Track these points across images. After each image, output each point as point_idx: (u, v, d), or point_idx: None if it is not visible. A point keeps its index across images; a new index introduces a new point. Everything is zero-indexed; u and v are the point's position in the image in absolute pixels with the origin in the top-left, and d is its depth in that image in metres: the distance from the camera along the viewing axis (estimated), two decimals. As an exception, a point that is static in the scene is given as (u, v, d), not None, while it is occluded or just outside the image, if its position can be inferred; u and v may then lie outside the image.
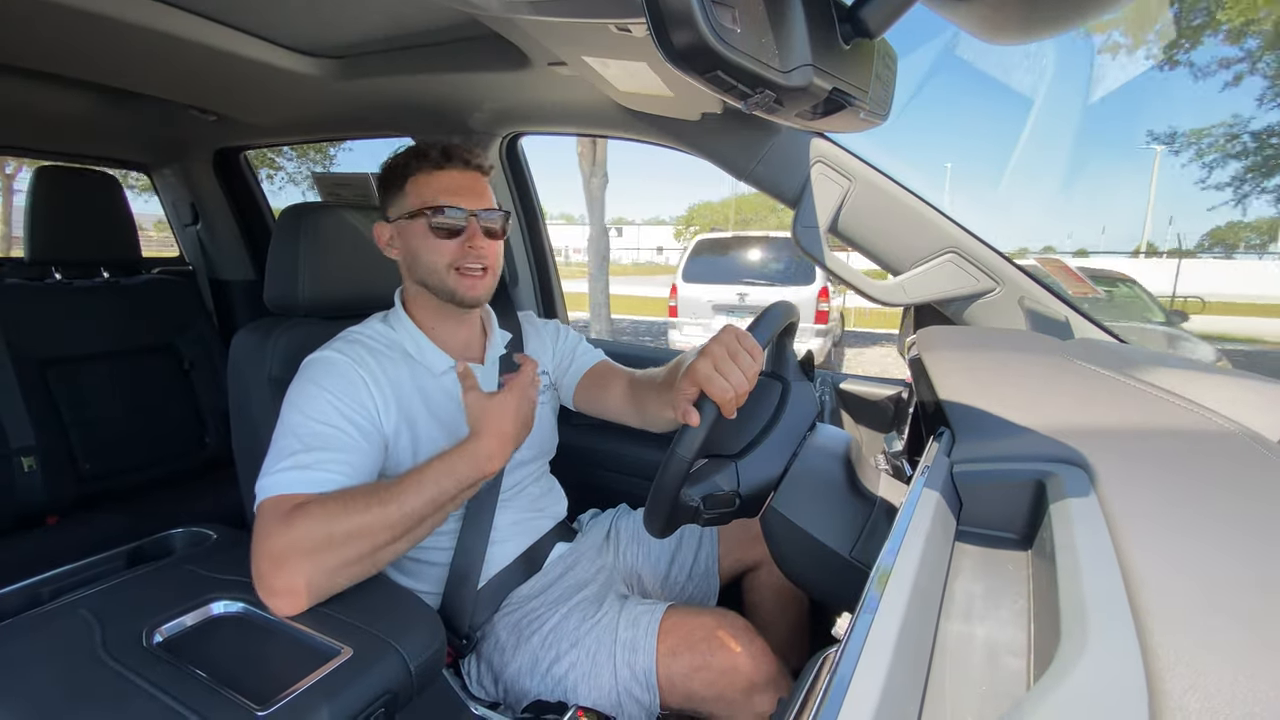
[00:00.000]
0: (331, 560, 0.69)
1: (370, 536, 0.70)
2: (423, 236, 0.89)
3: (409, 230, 0.91)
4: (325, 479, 0.74)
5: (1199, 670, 0.29)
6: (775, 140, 1.09)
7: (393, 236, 0.94)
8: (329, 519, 0.69)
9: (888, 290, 1.12)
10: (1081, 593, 0.34)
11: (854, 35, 0.54)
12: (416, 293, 0.95)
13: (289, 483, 0.73)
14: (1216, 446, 0.54)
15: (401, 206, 0.92)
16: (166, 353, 1.74)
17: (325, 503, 0.71)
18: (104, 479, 1.56)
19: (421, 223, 0.89)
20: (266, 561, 0.68)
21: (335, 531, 0.69)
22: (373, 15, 1.00)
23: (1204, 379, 0.73)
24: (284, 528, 0.69)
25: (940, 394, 0.72)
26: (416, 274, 0.92)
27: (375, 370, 0.86)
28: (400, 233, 0.92)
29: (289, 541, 0.68)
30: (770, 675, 0.79)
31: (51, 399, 1.50)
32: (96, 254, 1.67)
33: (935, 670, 0.37)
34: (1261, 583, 0.36)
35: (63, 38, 1.06)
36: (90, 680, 0.61)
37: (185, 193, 2.14)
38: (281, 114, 1.59)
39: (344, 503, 0.71)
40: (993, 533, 0.52)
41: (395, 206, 0.93)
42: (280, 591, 0.68)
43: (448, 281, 0.90)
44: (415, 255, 0.91)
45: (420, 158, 0.91)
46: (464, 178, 0.92)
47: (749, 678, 0.79)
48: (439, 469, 0.75)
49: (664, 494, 0.69)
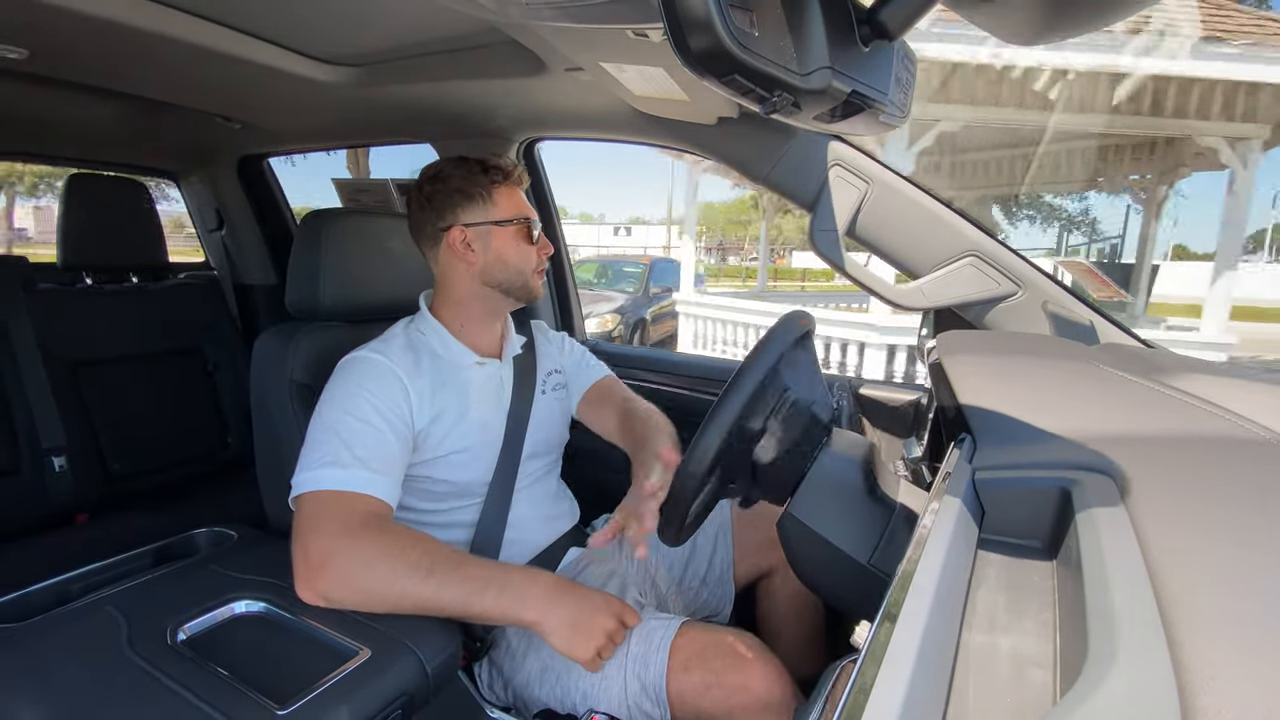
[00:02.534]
0: (373, 599, 0.74)
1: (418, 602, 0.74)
2: (516, 243, 0.98)
3: (499, 235, 0.97)
4: (365, 478, 0.79)
5: (1232, 684, 0.28)
6: (792, 143, 1.09)
7: (470, 241, 0.97)
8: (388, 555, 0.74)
9: (907, 294, 1.10)
10: (1110, 604, 0.33)
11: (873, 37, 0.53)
12: (475, 293, 0.99)
13: (333, 479, 0.78)
14: (1248, 454, 0.53)
15: (487, 214, 0.97)
16: (191, 356, 1.78)
17: (389, 534, 0.76)
18: (131, 479, 1.60)
19: (513, 230, 0.98)
20: (321, 554, 0.74)
21: (392, 588, 0.74)
22: (393, 24, 1.01)
23: (1234, 385, 0.71)
24: (350, 534, 0.75)
25: (961, 399, 0.70)
26: (496, 276, 0.98)
27: (409, 367, 0.91)
28: (484, 237, 0.97)
29: (350, 551, 0.74)
30: (783, 696, 0.78)
31: (82, 401, 1.54)
32: (126, 259, 1.71)
33: (958, 682, 0.36)
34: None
35: (97, 52, 1.09)
36: (117, 676, 0.63)
37: (211, 199, 2.19)
38: (304, 121, 1.62)
39: (401, 548, 0.75)
40: (1017, 541, 0.51)
41: (476, 213, 0.97)
42: (319, 590, 0.73)
43: (530, 283, 1.00)
44: (503, 259, 0.97)
45: (499, 172, 1.00)
46: (525, 196, 1.03)
47: (761, 698, 0.77)
48: (493, 579, 0.76)
49: (679, 504, 0.69)
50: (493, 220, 0.97)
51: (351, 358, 0.90)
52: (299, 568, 0.74)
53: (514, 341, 1.08)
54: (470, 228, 0.97)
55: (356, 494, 0.78)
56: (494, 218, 0.97)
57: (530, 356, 1.09)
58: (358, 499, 0.78)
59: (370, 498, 0.79)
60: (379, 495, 0.80)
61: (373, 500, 0.79)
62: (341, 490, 0.77)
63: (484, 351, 1.02)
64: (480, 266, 0.98)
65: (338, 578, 0.73)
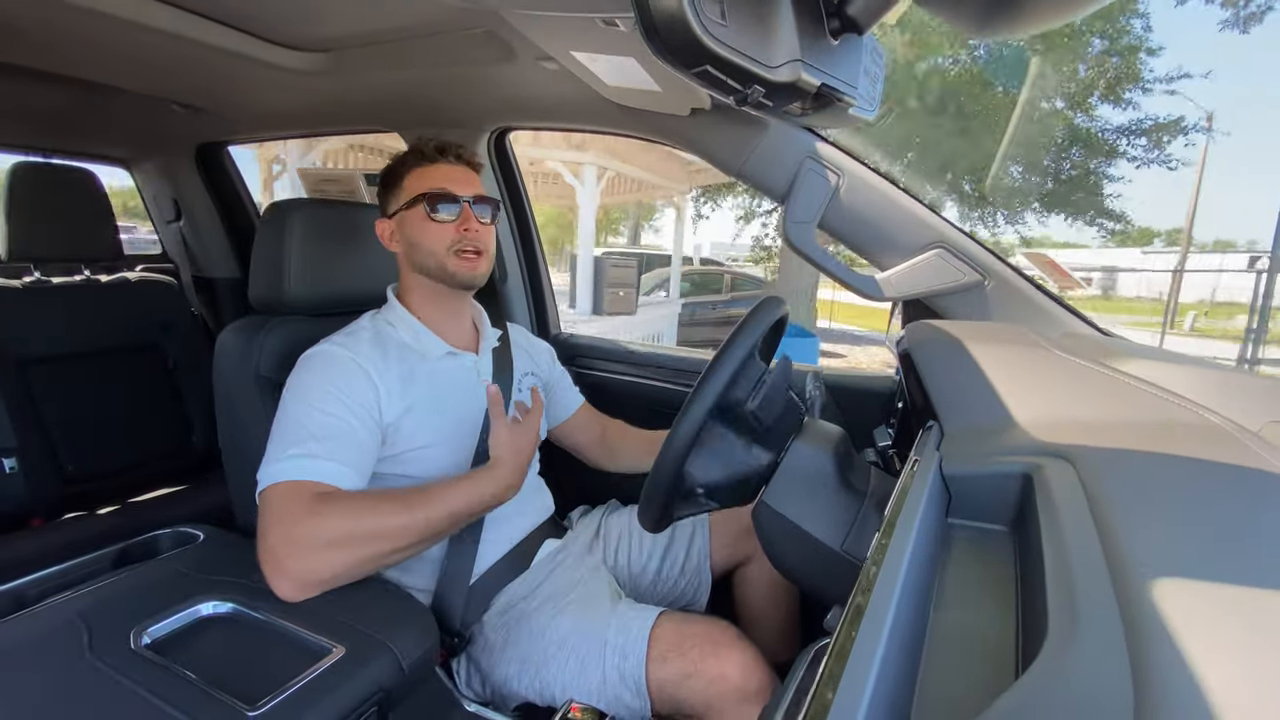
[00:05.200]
0: (349, 556, 0.73)
1: (390, 539, 0.75)
2: (421, 223, 0.94)
3: (408, 220, 0.95)
4: (333, 470, 0.77)
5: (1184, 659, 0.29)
6: (765, 136, 1.09)
7: (393, 231, 0.98)
8: (355, 515, 0.74)
9: (877, 285, 1.12)
10: (1069, 584, 0.35)
11: (842, 31, 0.54)
12: (416, 283, 0.98)
13: (299, 470, 0.76)
14: (1199, 437, 0.55)
15: (399, 200, 0.96)
16: (150, 352, 1.72)
17: (353, 499, 0.76)
18: (88, 480, 1.54)
19: (419, 210, 0.93)
20: (284, 545, 0.71)
21: (358, 529, 0.73)
22: (360, 9, 0.98)
23: (1185, 371, 0.75)
24: (308, 515, 0.72)
25: (929, 387, 0.72)
26: (416, 261, 0.96)
27: (376, 361, 0.88)
28: (399, 224, 0.97)
29: (311, 529, 0.71)
30: (760, 685, 0.79)
31: (32, 399, 1.47)
32: (75, 251, 1.64)
33: (926, 661, 0.37)
34: (1246, 572, 0.36)
35: (38, 31, 1.04)
36: (78, 683, 0.61)
37: (167, 188, 2.11)
38: (265, 109, 1.57)
39: (371, 503, 0.76)
40: (982, 525, 0.53)
41: (394, 201, 0.97)
42: (293, 575, 0.71)
43: (447, 264, 0.94)
44: (415, 242, 0.95)
45: (415, 155, 0.97)
46: (455, 170, 0.97)
47: (739, 686, 0.78)
48: (465, 487, 0.81)
49: (659, 488, 0.69)
50: (403, 204, 0.95)
51: (313, 352, 0.88)
52: (266, 563, 0.72)
53: (490, 335, 1.07)
54: (391, 218, 0.98)
55: (322, 485, 0.76)
56: (403, 201, 0.95)
57: (505, 351, 1.08)
58: (322, 489, 0.76)
59: (335, 488, 0.77)
60: (346, 487, 0.78)
61: (337, 490, 0.77)
62: (307, 480, 0.76)
63: (454, 343, 1.00)
64: (405, 255, 0.97)
65: (308, 556, 0.71)
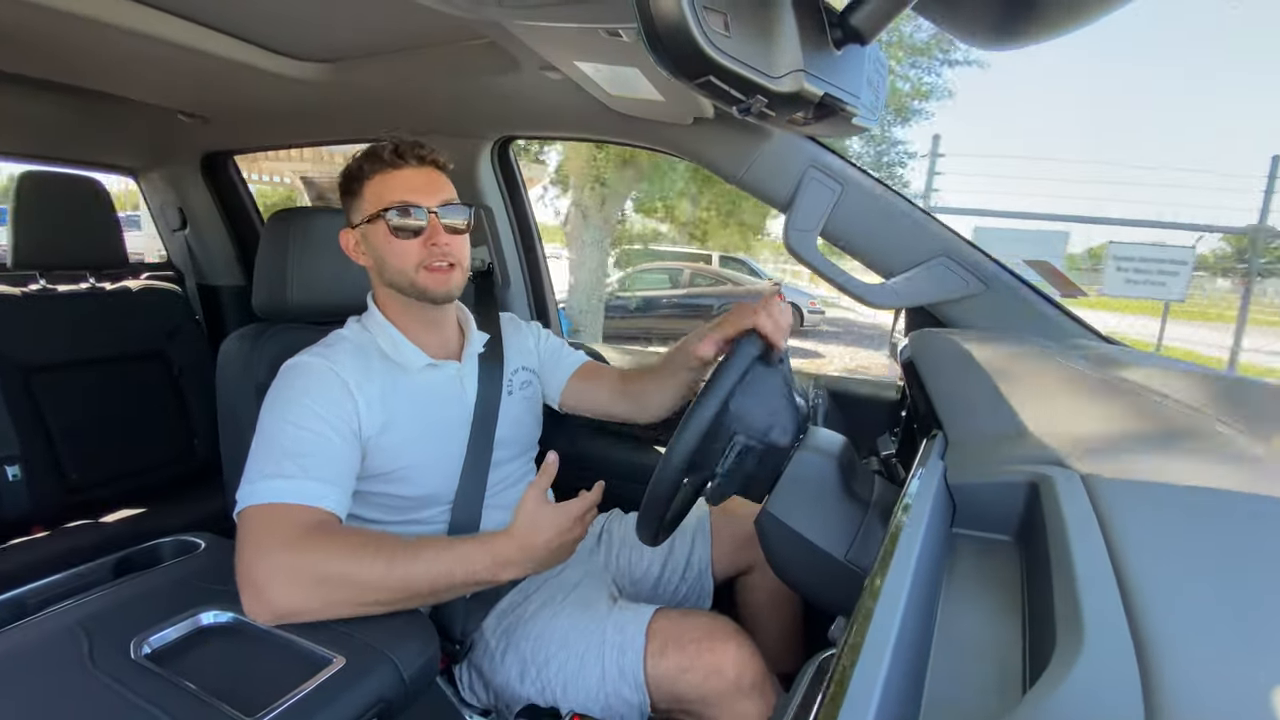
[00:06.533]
0: (318, 597, 0.70)
1: (360, 588, 0.70)
2: (385, 239, 0.87)
3: (372, 234, 0.89)
4: (311, 489, 0.75)
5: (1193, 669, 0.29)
6: (767, 145, 1.10)
7: (358, 242, 0.92)
8: (328, 557, 0.70)
9: (880, 293, 1.12)
10: (1076, 595, 0.34)
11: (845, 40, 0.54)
12: (388, 296, 0.94)
13: (273, 491, 0.73)
14: (1207, 446, 0.55)
15: (362, 211, 0.89)
16: (155, 359, 1.72)
17: (331, 537, 0.72)
18: (91, 488, 1.54)
19: (382, 225, 0.87)
20: (264, 572, 0.69)
21: (330, 571, 0.70)
22: (364, 20, 0.99)
23: (1191, 379, 0.74)
24: (281, 547, 0.70)
25: (933, 396, 0.72)
26: (385, 276, 0.91)
27: (355, 372, 0.85)
28: (364, 237, 0.91)
29: (295, 562, 0.69)
30: (756, 678, 0.79)
31: (37, 407, 1.48)
32: (82, 259, 1.65)
33: (932, 673, 0.37)
34: (1255, 584, 0.36)
35: (47, 43, 1.05)
36: (78, 693, 0.60)
37: (173, 197, 2.12)
38: (271, 118, 1.58)
39: (351, 548, 0.71)
40: (987, 535, 0.52)
41: (357, 211, 0.91)
42: (270, 604, 0.68)
43: (417, 281, 0.88)
44: (381, 259, 0.90)
45: (373, 159, 0.89)
46: (419, 175, 0.89)
47: (735, 680, 0.78)
48: (456, 552, 0.74)
49: (657, 501, 0.69)
50: (365, 217, 0.88)
51: (291, 363, 0.85)
52: (244, 590, 0.69)
53: (475, 340, 1.01)
54: (355, 228, 0.92)
55: (301, 506, 0.73)
56: (366, 214, 0.88)
57: (495, 355, 1.03)
58: (303, 511, 0.73)
59: (317, 510, 0.74)
60: (327, 507, 0.75)
61: (319, 512, 0.74)
62: (284, 503, 0.73)
63: (435, 353, 0.95)
64: (374, 268, 0.92)
65: (286, 594, 0.68)
